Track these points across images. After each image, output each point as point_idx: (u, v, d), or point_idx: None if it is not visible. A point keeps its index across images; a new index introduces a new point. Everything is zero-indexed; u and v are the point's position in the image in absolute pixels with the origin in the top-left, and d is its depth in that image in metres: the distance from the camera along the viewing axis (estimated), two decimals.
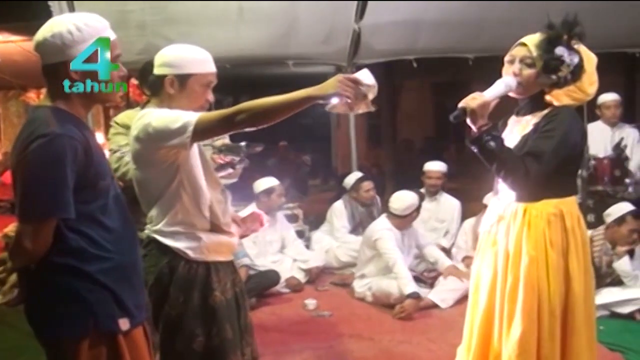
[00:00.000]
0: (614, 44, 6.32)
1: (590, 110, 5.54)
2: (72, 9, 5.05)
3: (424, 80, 11.42)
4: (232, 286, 2.51)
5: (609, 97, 5.90)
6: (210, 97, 2.46)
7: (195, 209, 2.39)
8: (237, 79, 11.72)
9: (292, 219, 6.52)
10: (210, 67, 2.44)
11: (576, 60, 2.50)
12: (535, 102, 2.62)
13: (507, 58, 2.62)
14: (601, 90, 5.75)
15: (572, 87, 2.55)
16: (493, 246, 2.67)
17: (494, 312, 2.62)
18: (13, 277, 1.99)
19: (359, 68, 6.73)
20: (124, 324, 1.97)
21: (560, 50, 2.47)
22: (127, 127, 3.29)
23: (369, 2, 5.90)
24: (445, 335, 4.13)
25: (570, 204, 2.59)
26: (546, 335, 2.48)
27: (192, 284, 2.38)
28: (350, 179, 6.49)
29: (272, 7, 5.82)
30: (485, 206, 3.00)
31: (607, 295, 4.48)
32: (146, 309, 2.24)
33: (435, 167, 6.22)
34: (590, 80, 2.60)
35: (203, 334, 2.39)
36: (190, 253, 2.38)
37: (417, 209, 5.18)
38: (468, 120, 2.48)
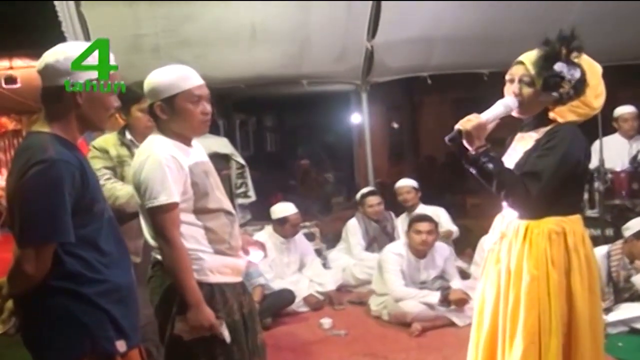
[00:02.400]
0: (630, 55, 6.30)
1: (607, 123, 5.48)
2: (87, 38, 5.14)
3: (444, 97, 11.33)
4: (239, 308, 2.50)
5: (626, 110, 5.86)
6: (207, 108, 2.44)
7: (197, 232, 2.41)
8: (259, 99, 11.82)
9: (309, 237, 6.49)
10: (193, 82, 2.41)
11: (577, 74, 2.43)
12: (539, 118, 2.56)
13: (507, 77, 2.57)
14: (618, 102, 5.70)
15: (576, 102, 2.48)
16: (496, 264, 2.64)
17: (497, 331, 2.58)
18: (10, 304, 2.02)
19: (372, 86, 6.80)
20: (121, 345, 1.99)
21: (559, 67, 2.42)
22: (104, 151, 3.31)
23: (381, 20, 5.92)
24: (460, 353, 4.01)
25: (573, 222, 2.53)
26: (548, 355, 2.42)
27: None
28: (358, 195, 6.55)
29: (284, 27, 5.87)
30: None
31: (626, 310, 4.38)
32: (152, 330, 2.26)
33: (403, 183, 6.46)
34: (595, 93, 2.51)
35: (206, 356, 2.40)
36: (194, 275, 2.38)
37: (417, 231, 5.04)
38: (464, 142, 2.46)
